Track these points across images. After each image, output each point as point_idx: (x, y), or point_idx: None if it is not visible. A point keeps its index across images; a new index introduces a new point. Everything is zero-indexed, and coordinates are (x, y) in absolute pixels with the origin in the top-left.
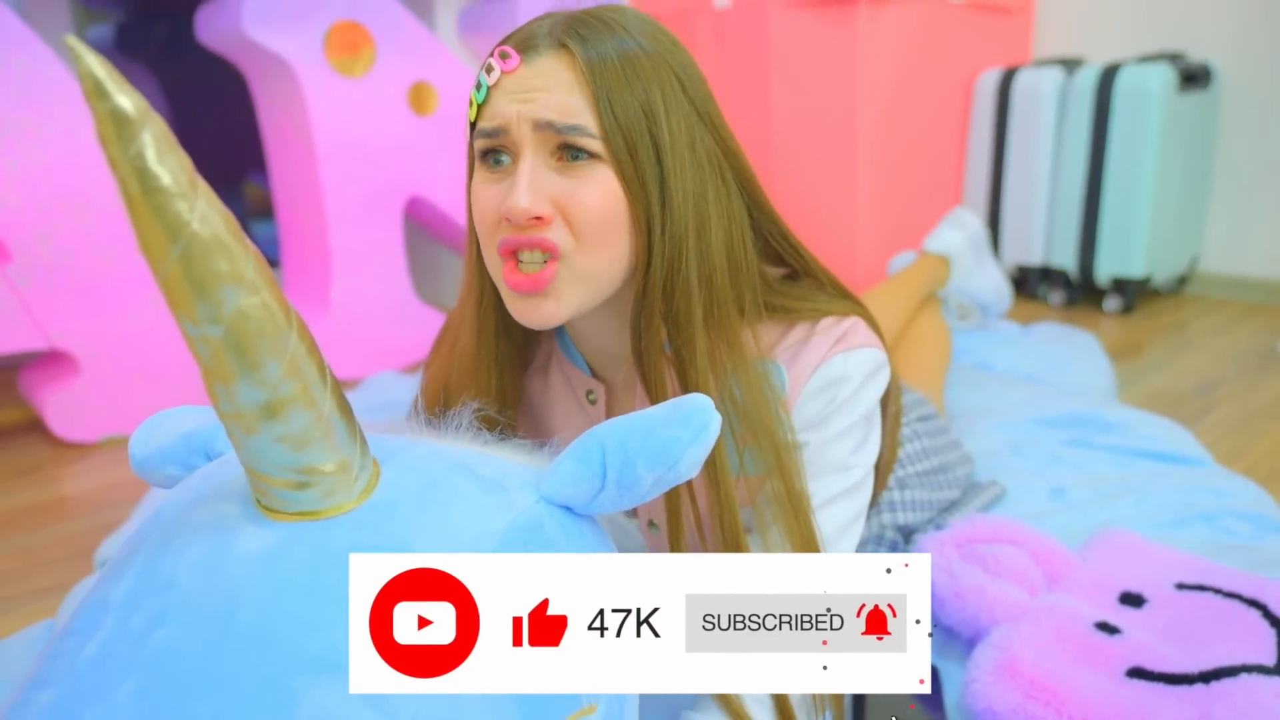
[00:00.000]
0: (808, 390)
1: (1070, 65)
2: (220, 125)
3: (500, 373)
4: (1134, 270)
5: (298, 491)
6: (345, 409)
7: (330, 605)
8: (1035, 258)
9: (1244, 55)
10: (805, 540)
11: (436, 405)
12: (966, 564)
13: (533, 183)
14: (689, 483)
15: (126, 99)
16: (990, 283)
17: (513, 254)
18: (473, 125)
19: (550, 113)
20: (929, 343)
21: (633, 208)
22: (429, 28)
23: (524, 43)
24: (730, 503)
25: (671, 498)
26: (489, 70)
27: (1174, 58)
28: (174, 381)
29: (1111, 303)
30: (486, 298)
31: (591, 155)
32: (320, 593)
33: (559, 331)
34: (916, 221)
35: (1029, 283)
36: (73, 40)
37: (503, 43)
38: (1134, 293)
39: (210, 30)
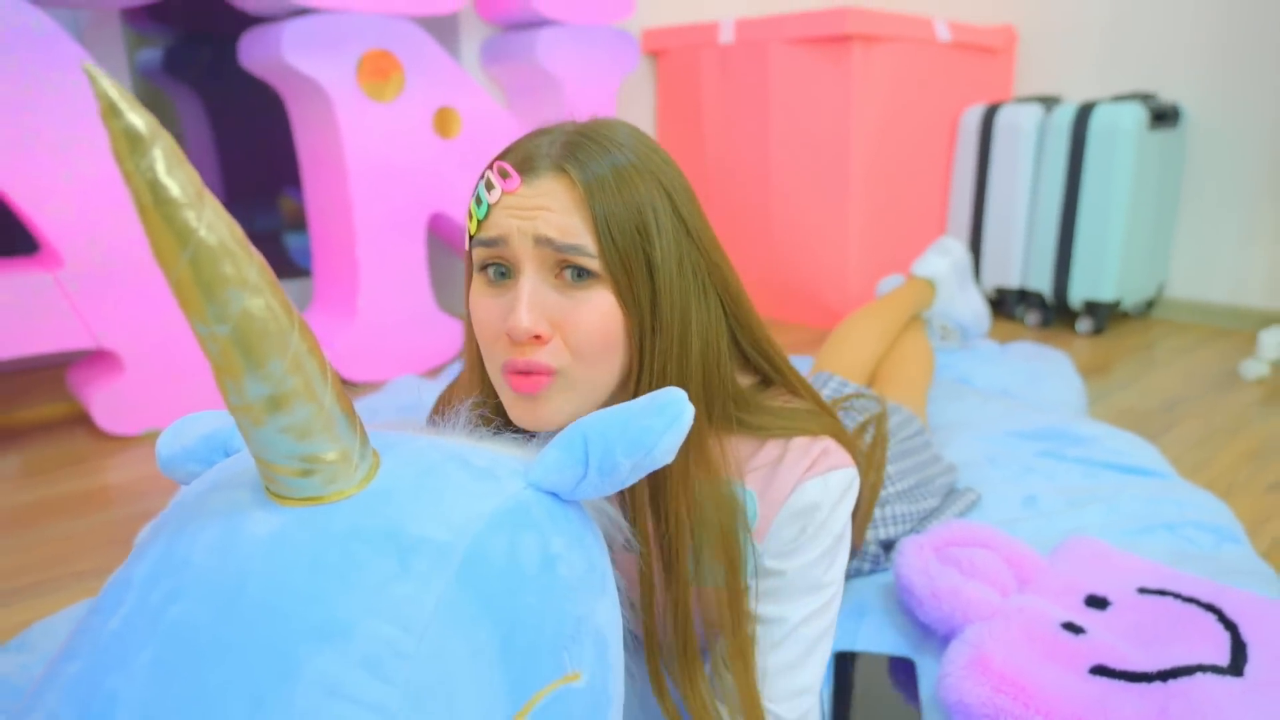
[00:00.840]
0: (780, 518)
1: (1049, 103)
2: (259, 144)
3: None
4: (1105, 294)
5: (302, 479)
6: (345, 403)
7: (331, 580)
8: (1013, 281)
9: (1210, 97)
10: (742, 650)
11: None
12: (943, 566)
13: (533, 301)
14: (653, 577)
15: (138, 118)
16: (971, 307)
17: (513, 372)
18: (472, 237)
19: (551, 230)
20: (912, 360)
21: (628, 324)
22: (454, 57)
23: (524, 163)
24: (684, 604)
25: (644, 587)
26: (489, 187)
27: (1145, 98)
28: (209, 380)
29: (1084, 324)
30: (487, 389)
31: (590, 275)
32: (322, 570)
33: None
34: (904, 246)
35: (1007, 304)
36: (89, 65)
37: (501, 157)
38: (1105, 315)
39: (252, 56)
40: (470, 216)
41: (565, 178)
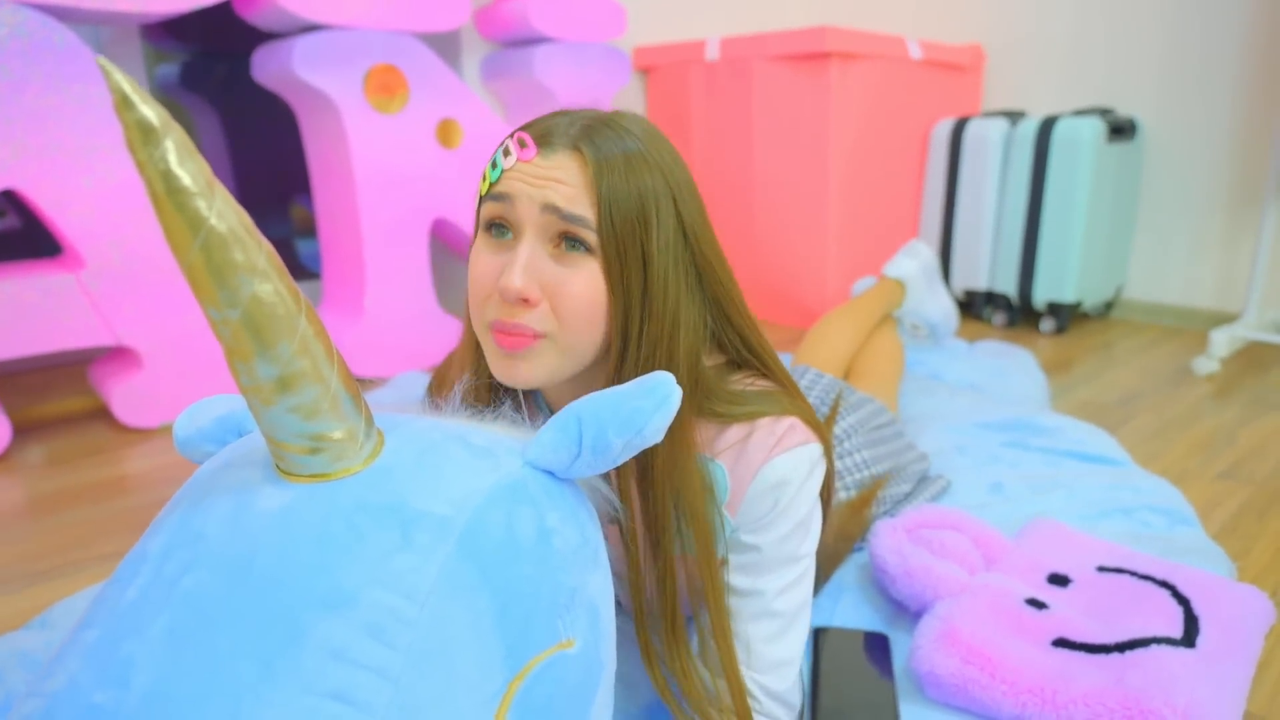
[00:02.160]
0: (751, 493)
1: (1014, 117)
2: (272, 154)
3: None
4: (1067, 296)
5: (310, 456)
6: (351, 385)
7: (337, 551)
8: (981, 283)
9: (1165, 112)
10: (721, 620)
11: None
12: (915, 546)
13: (529, 265)
14: (638, 550)
15: (150, 110)
16: (940, 306)
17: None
18: (482, 196)
19: (559, 199)
20: (884, 355)
21: (613, 305)
22: (456, 72)
23: (542, 136)
24: (670, 575)
25: (632, 561)
26: (506, 153)
27: (1104, 112)
28: (224, 375)
29: (1047, 324)
30: (480, 361)
31: (586, 248)
32: (328, 541)
33: (537, 401)
34: (879, 250)
35: (975, 305)
36: (102, 60)
37: (522, 129)
38: (1067, 316)
39: (264, 70)
40: (484, 179)
41: (579, 156)
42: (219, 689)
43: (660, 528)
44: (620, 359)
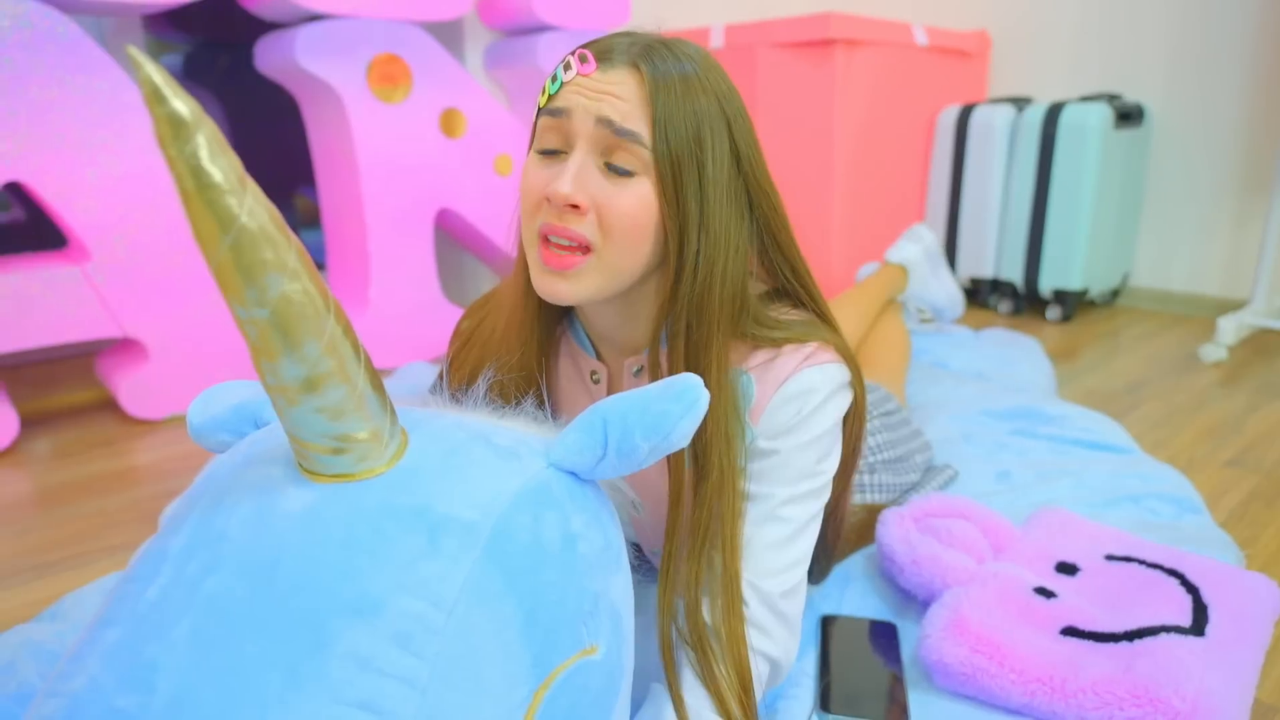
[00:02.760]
0: (776, 399)
1: (1020, 103)
2: (275, 144)
3: (532, 335)
4: (1073, 283)
5: (334, 456)
6: (377, 384)
7: (363, 556)
8: (987, 271)
9: (1173, 97)
10: (733, 532)
11: (466, 361)
12: (923, 535)
13: (579, 175)
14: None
15: (182, 104)
16: (944, 290)
17: (547, 238)
18: (540, 110)
19: (613, 113)
20: (890, 343)
21: (665, 222)
22: (459, 61)
23: (602, 53)
24: (719, 500)
25: (674, 506)
26: (567, 67)
27: (1111, 98)
28: (231, 367)
29: (1053, 312)
30: (527, 313)
31: (635, 174)
32: (354, 545)
33: (572, 320)
34: (885, 237)
35: (981, 293)
36: (133, 50)
37: (583, 47)
38: (1073, 303)
39: (268, 60)
40: (543, 92)
41: (637, 73)
42: (245, 697)
43: (709, 460)
44: (676, 277)
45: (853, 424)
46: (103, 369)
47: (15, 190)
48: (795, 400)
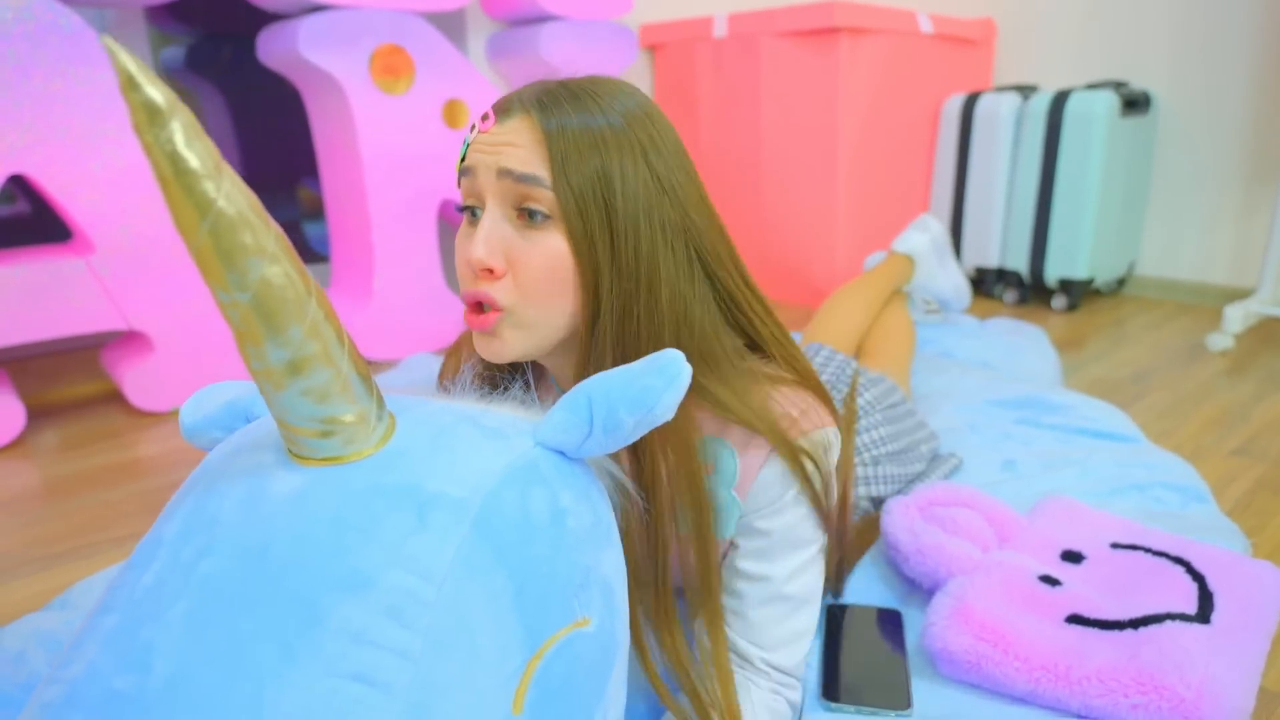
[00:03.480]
0: (761, 479)
1: (1026, 91)
2: (278, 136)
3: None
4: (1079, 273)
5: (322, 440)
6: (362, 368)
7: (353, 534)
8: (992, 260)
9: (1180, 85)
10: (711, 601)
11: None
12: (928, 524)
13: (490, 235)
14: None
15: (157, 91)
16: (951, 281)
17: (472, 303)
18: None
19: (510, 162)
20: (894, 334)
21: (580, 267)
22: (462, 51)
23: (501, 107)
24: (664, 552)
25: (626, 541)
26: (472, 129)
27: (1118, 85)
28: (236, 359)
29: (1058, 301)
30: None
31: (546, 216)
32: (344, 524)
33: (550, 378)
34: (890, 226)
35: (986, 282)
36: (107, 40)
37: (491, 107)
38: (1079, 292)
39: (270, 52)
40: (460, 159)
41: (530, 119)
42: (241, 672)
43: (655, 502)
44: (593, 319)
45: (843, 472)
46: (108, 361)
47: (19, 183)
48: (780, 481)
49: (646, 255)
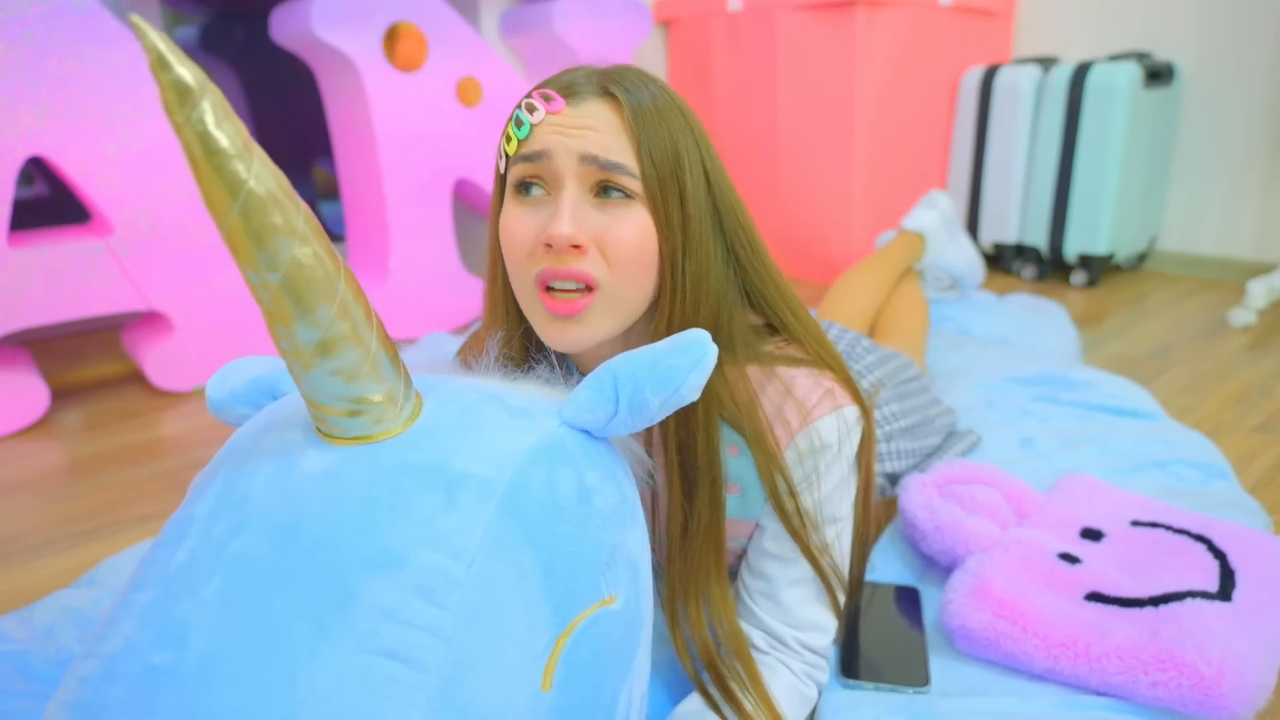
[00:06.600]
0: (792, 454)
1: (1046, 63)
2: (292, 116)
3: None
4: (1099, 248)
5: (351, 419)
6: (390, 347)
7: (383, 513)
8: (1011, 236)
9: (1204, 56)
10: (720, 571)
11: None
12: (946, 502)
13: (574, 213)
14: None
15: (187, 71)
16: (963, 257)
17: (547, 285)
18: (509, 156)
19: (596, 148)
20: (908, 310)
21: (661, 245)
22: (475, 28)
23: (566, 88)
24: (715, 526)
25: (657, 517)
26: (531, 109)
27: (1140, 57)
28: (255, 338)
29: (1078, 277)
30: (510, 324)
31: (628, 195)
32: (374, 503)
33: (567, 365)
34: (906, 203)
35: (1005, 258)
36: (136, 18)
37: (541, 86)
38: (1098, 268)
39: (283, 31)
40: (508, 139)
41: (612, 102)
42: (275, 648)
43: (692, 479)
44: (672, 298)
45: (865, 453)
46: (128, 342)
47: (38, 164)
48: (809, 458)
49: (706, 243)
